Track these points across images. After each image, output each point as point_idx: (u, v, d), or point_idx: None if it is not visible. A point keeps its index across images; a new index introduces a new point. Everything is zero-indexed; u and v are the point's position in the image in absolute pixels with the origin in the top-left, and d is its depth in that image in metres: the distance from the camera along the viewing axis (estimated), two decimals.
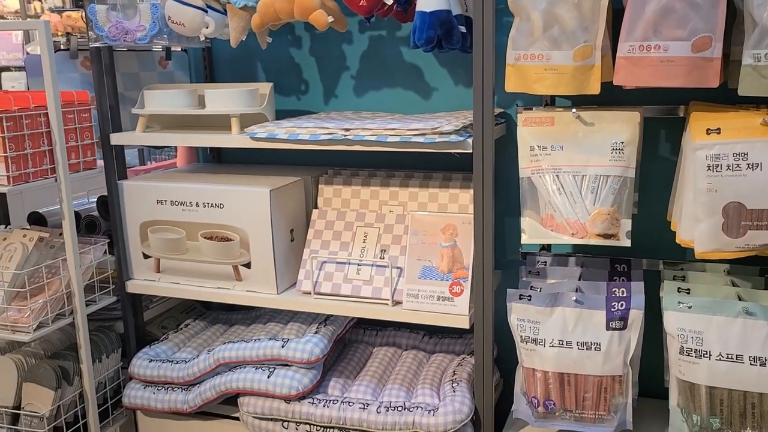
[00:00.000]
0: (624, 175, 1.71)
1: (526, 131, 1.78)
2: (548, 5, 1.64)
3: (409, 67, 2.30)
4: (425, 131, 1.79)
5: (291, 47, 2.42)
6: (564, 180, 1.73)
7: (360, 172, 2.28)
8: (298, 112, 2.44)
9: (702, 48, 1.56)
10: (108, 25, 2.03)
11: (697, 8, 1.54)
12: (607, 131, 1.72)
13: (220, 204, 2.07)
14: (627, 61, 1.63)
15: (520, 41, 1.71)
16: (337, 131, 1.89)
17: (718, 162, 1.59)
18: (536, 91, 1.70)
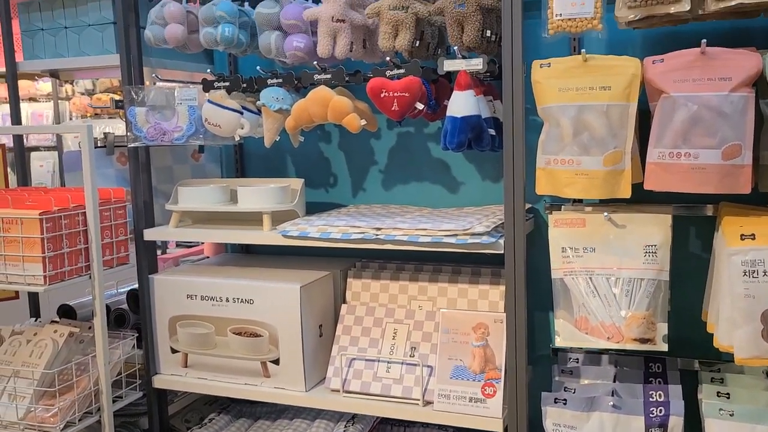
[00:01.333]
0: (658, 278, 1.71)
1: (557, 232, 1.79)
2: (577, 112, 1.69)
3: (437, 162, 2.34)
4: (457, 232, 1.81)
5: (321, 142, 2.49)
6: (597, 282, 1.73)
7: (388, 264, 2.29)
8: (327, 205, 2.48)
9: (732, 156, 1.58)
10: (147, 126, 2.10)
11: (726, 117, 1.57)
12: (638, 234, 1.73)
13: (250, 300, 2.08)
14: (657, 167, 1.65)
15: (550, 146, 1.74)
16: (369, 230, 1.91)
17: (754, 268, 1.58)
18: (568, 194, 1.72)
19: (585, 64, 1.70)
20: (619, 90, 1.66)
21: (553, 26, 1.74)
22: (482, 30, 1.80)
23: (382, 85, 1.88)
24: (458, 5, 1.77)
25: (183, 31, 2.07)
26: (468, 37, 1.79)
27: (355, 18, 1.93)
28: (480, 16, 1.78)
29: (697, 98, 1.59)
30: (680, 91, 1.61)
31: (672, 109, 1.62)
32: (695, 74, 1.60)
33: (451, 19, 1.80)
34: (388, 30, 1.86)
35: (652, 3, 1.62)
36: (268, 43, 2.02)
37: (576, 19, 1.71)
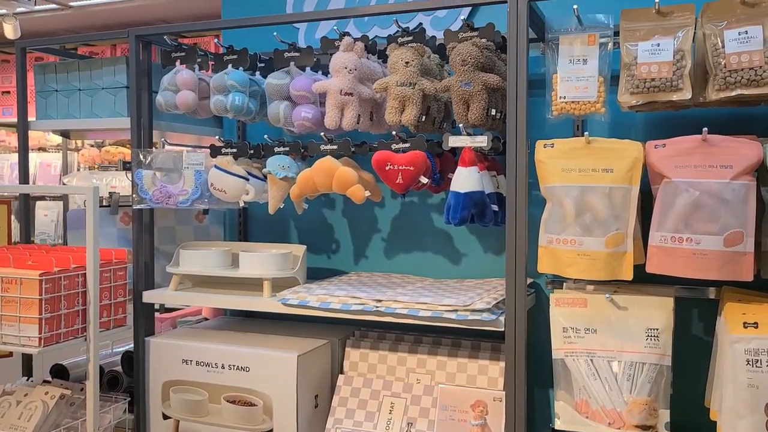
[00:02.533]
0: (660, 363, 1.68)
1: (559, 312, 1.78)
2: (580, 193, 1.70)
3: (440, 232, 2.35)
4: (457, 307, 1.80)
5: (324, 208, 2.50)
6: (599, 365, 1.70)
7: (387, 334, 2.27)
8: (328, 272, 2.47)
9: (734, 243, 1.59)
10: (153, 189, 2.12)
11: (727, 204, 1.58)
12: (640, 316, 1.72)
13: (246, 367, 2.05)
14: (659, 251, 1.65)
15: (552, 225, 1.75)
16: (369, 302, 1.90)
17: (757, 357, 1.56)
18: (569, 275, 1.72)
19: (588, 146, 1.73)
20: (621, 173, 1.68)
21: (557, 108, 1.77)
22: (487, 108, 1.84)
23: (388, 158, 1.91)
24: (464, 84, 1.81)
25: (194, 97, 2.11)
26: (473, 115, 1.83)
27: (363, 91, 1.97)
28: (485, 95, 1.82)
29: (698, 184, 1.60)
30: (682, 177, 1.62)
31: (674, 193, 1.63)
32: (696, 160, 1.62)
33: (457, 97, 1.83)
34: (395, 105, 1.90)
35: (654, 90, 1.66)
36: (277, 112, 2.06)
37: (579, 102, 1.74)
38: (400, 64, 1.89)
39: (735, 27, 1.59)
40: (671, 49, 1.63)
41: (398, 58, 1.89)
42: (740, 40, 1.58)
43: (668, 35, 1.65)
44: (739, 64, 1.58)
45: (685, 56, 1.64)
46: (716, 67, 1.62)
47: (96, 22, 6.36)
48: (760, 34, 1.57)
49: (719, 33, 1.61)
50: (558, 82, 1.76)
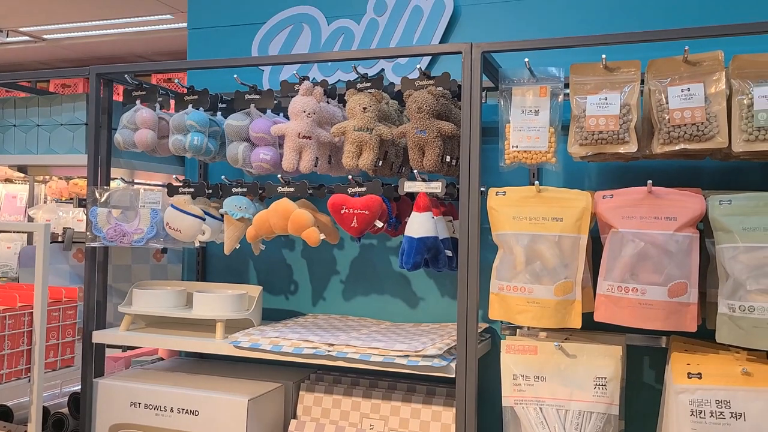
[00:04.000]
0: (608, 412, 1.69)
1: (509, 359, 1.78)
2: (530, 241, 1.72)
3: (398, 276, 2.35)
4: (409, 353, 1.79)
5: (283, 248, 2.49)
6: (548, 413, 1.70)
7: (343, 378, 2.24)
8: (286, 313, 2.45)
9: (678, 293, 1.61)
10: (107, 227, 2.09)
11: (672, 255, 1.61)
12: (589, 365, 1.72)
13: (195, 411, 2.01)
14: (607, 300, 1.67)
15: (503, 272, 1.77)
16: (321, 346, 1.88)
17: (701, 408, 1.58)
18: (519, 322, 1.73)
19: (539, 194, 1.76)
20: (570, 222, 1.71)
21: (509, 157, 1.80)
22: (442, 155, 1.86)
23: (343, 201, 1.92)
24: (420, 131, 1.84)
25: (153, 136, 2.11)
26: (428, 162, 1.85)
27: (321, 135, 1.99)
28: (440, 142, 1.85)
29: (643, 235, 1.63)
30: (628, 228, 1.66)
31: (620, 243, 1.66)
32: (642, 212, 1.66)
33: (412, 143, 1.86)
34: (352, 149, 1.92)
35: (602, 142, 1.70)
36: (236, 153, 2.06)
37: (531, 151, 1.78)
38: (357, 110, 1.91)
39: (678, 84, 1.65)
40: (618, 103, 1.68)
41: (356, 103, 1.92)
42: (683, 97, 1.63)
43: (615, 90, 1.71)
44: (682, 119, 1.63)
45: (632, 110, 1.68)
46: (661, 121, 1.67)
47: (69, 55, 6.37)
48: (702, 91, 1.62)
49: (663, 89, 1.66)
50: (510, 131, 1.80)
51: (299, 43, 2.46)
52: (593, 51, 1.85)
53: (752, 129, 1.58)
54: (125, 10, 5.10)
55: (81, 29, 5.58)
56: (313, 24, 2.44)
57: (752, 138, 1.58)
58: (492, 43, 1.77)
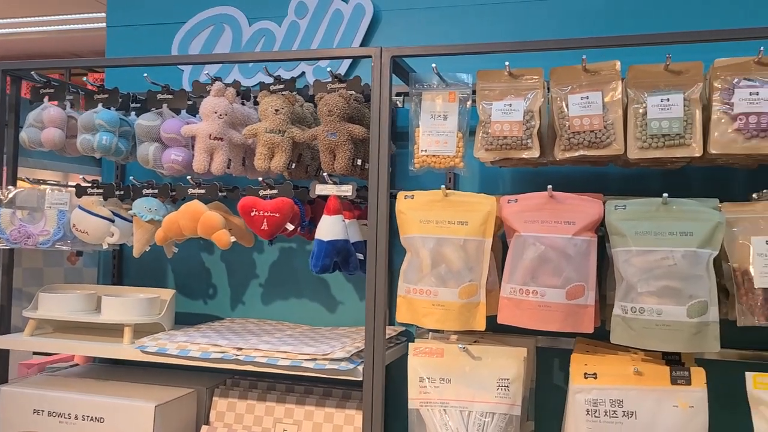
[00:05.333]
0: (510, 413, 1.71)
1: (416, 361, 1.79)
2: (436, 245, 1.74)
3: (317, 280, 2.34)
4: (316, 356, 1.78)
5: (202, 251, 2.45)
6: (451, 415, 1.72)
7: (260, 383, 2.22)
8: (204, 317, 2.41)
9: (575, 296, 1.65)
10: (11, 228, 2.02)
11: (570, 259, 1.65)
12: (493, 366, 1.75)
13: (100, 418, 1.95)
14: (509, 302, 1.70)
15: (410, 275, 1.78)
16: (229, 350, 1.86)
17: (596, 407, 1.62)
18: (425, 324, 1.74)
19: (446, 198, 1.78)
20: (475, 225, 1.73)
21: (418, 161, 1.82)
22: (353, 158, 1.87)
23: (253, 204, 1.90)
24: (330, 134, 1.84)
25: (61, 135, 2.05)
26: (339, 165, 1.85)
27: (233, 136, 1.97)
28: (351, 145, 1.85)
29: (544, 239, 1.67)
30: (529, 231, 1.69)
31: (522, 247, 1.69)
32: (544, 216, 1.70)
33: (323, 146, 1.86)
34: (263, 151, 1.90)
35: (506, 147, 1.73)
36: (146, 154, 2.02)
37: (439, 155, 1.80)
38: (269, 111, 1.90)
39: (578, 92, 1.69)
40: (521, 109, 1.72)
41: (268, 105, 1.90)
42: (582, 105, 1.68)
43: (519, 96, 1.74)
44: (581, 126, 1.67)
45: (534, 116, 1.72)
46: (562, 128, 1.71)
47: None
48: (600, 99, 1.67)
49: (564, 97, 1.70)
50: (420, 135, 1.82)
51: (220, 44, 2.44)
52: (513, 57, 1.88)
53: (646, 137, 1.64)
54: (58, 6, 4.96)
55: (9, 26, 5.39)
56: (234, 25, 2.42)
57: (646, 146, 1.64)
58: (401, 48, 1.79)
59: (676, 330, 1.53)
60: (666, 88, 1.65)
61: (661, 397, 1.59)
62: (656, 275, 1.56)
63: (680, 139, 1.61)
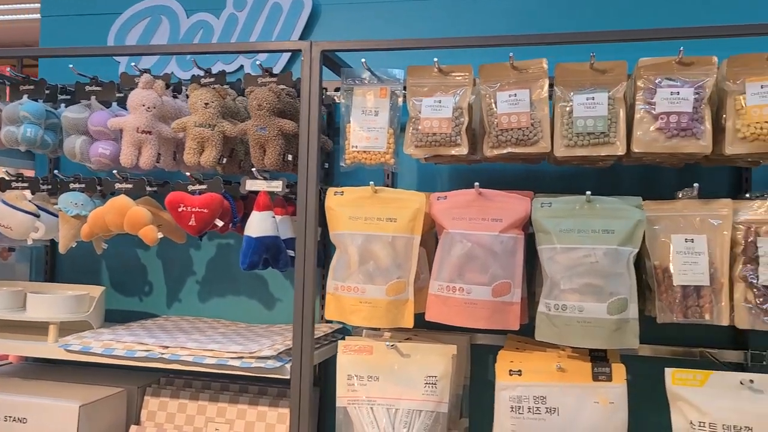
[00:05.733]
0: (437, 410, 1.71)
1: (345, 359, 1.77)
2: (365, 241, 1.73)
3: (255, 276, 2.31)
4: (243, 354, 1.75)
5: (137, 248, 2.40)
6: (378, 413, 1.71)
7: (194, 382, 2.18)
8: (139, 314, 2.36)
9: (501, 293, 1.65)
10: None
11: (496, 256, 1.65)
12: (421, 364, 1.74)
13: (23, 418, 1.90)
14: (437, 299, 1.70)
15: (339, 272, 1.76)
16: (155, 348, 1.82)
17: (520, 404, 1.62)
18: (352, 322, 1.72)
19: (375, 195, 1.76)
20: (404, 222, 1.72)
21: (349, 157, 1.80)
22: (284, 153, 1.84)
23: (181, 199, 1.86)
24: (260, 129, 1.81)
25: None
26: (269, 160, 1.83)
27: (163, 130, 1.92)
28: (281, 140, 1.83)
29: (471, 236, 1.67)
30: (457, 228, 1.69)
31: (450, 244, 1.69)
32: (472, 213, 1.69)
33: (253, 141, 1.83)
34: (193, 146, 1.87)
35: (435, 144, 1.73)
36: (73, 147, 1.97)
37: (370, 152, 1.78)
38: (199, 105, 1.86)
39: (506, 89, 1.69)
40: (451, 106, 1.71)
41: (198, 98, 1.87)
42: (510, 102, 1.68)
43: (449, 93, 1.73)
44: (509, 124, 1.67)
45: (463, 113, 1.72)
46: (490, 125, 1.71)
47: None
48: (527, 97, 1.67)
49: (493, 94, 1.70)
50: (351, 131, 1.80)
51: (157, 36, 2.38)
52: (446, 54, 1.87)
53: (572, 135, 1.64)
54: None
55: None
56: (172, 17, 2.37)
57: (572, 144, 1.65)
58: (332, 42, 1.76)
59: (597, 327, 1.55)
60: (591, 87, 1.66)
61: (583, 394, 1.60)
62: (579, 272, 1.57)
63: (605, 137, 1.62)
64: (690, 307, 1.57)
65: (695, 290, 1.58)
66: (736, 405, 1.53)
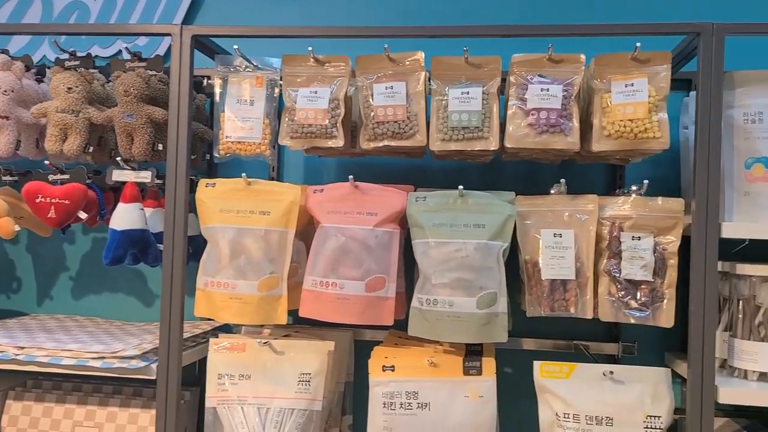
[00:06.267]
0: (310, 409, 1.66)
1: (216, 358, 1.71)
2: (236, 235, 1.66)
3: (133, 272, 2.20)
4: (104, 354, 1.66)
5: (5, 242, 2.24)
6: (248, 413, 1.65)
7: (64, 384, 2.05)
8: (5, 313, 2.20)
9: (375, 288, 1.63)
10: None
11: (370, 251, 1.63)
12: (295, 361, 1.69)
13: None
14: (310, 295, 1.65)
15: (209, 267, 1.69)
16: (9, 349, 1.69)
17: (392, 400, 1.61)
18: (222, 319, 1.66)
19: (248, 187, 1.70)
20: (277, 216, 1.67)
21: (223, 147, 1.73)
22: (154, 143, 1.75)
23: (39, 189, 1.74)
24: (127, 116, 1.71)
25: None
26: (137, 149, 1.73)
27: (23, 115, 1.79)
28: (151, 128, 1.74)
29: (345, 230, 1.63)
30: (331, 222, 1.65)
31: (324, 238, 1.65)
32: (347, 207, 1.66)
33: (120, 129, 1.73)
34: (55, 132, 1.75)
35: (311, 136, 1.68)
36: None
37: (245, 142, 1.72)
38: (62, 89, 1.74)
39: (383, 81, 1.67)
40: (327, 97, 1.67)
41: (60, 82, 1.75)
42: (387, 94, 1.65)
43: (325, 84, 1.69)
44: (385, 116, 1.65)
45: (340, 105, 1.68)
46: (367, 118, 1.68)
47: None
48: (404, 90, 1.65)
49: (370, 86, 1.67)
50: (225, 121, 1.73)
51: (28, 16, 2.22)
52: (326, 43, 1.83)
53: (447, 129, 1.63)
54: None
55: None
56: None
57: (447, 138, 1.64)
58: (203, 27, 1.69)
59: (466, 321, 1.54)
60: (467, 81, 1.66)
61: (454, 388, 1.60)
62: (450, 267, 1.57)
63: (479, 132, 1.62)
64: (557, 301, 1.60)
65: (562, 284, 1.60)
66: (599, 396, 1.57)
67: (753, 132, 1.57)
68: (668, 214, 1.58)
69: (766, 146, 1.57)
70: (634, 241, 1.58)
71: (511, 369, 2.02)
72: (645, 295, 1.57)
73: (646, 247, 1.56)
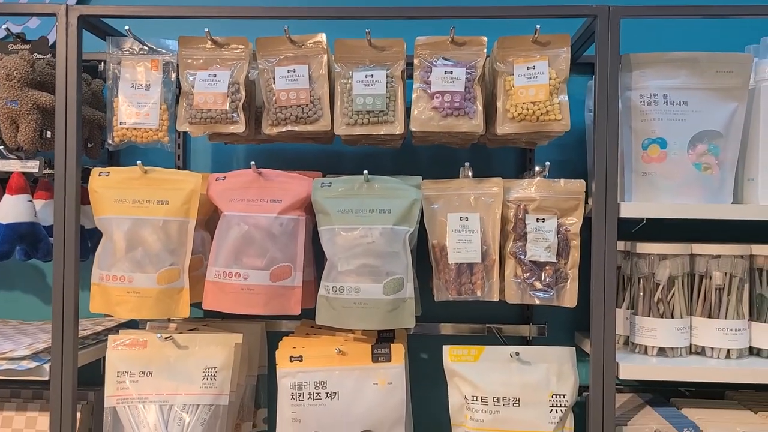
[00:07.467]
0: (215, 403, 1.61)
1: (115, 355, 1.63)
2: (132, 226, 1.58)
3: (30, 268, 2.07)
4: None
5: None
6: (150, 411, 1.58)
7: None
8: None
9: (281, 277, 1.59)
10: None
11: (275, 239, 1.58)
12: (201, 355, 1.63)
13: None
14: (214, 286, 1.60)
15: (104, 260, 1.61)
16: None
17: (300, 391, 1.57)
18: (119, 314, 1.58)
19: (145, 176, 1.62)
20: (177, 205, 1.60)
21: (117, 134, 1.64)
22: (41, 130, 1.64)
23: None
24: (10, 102, 1.60)
25: None
26: (23, 137, 1.62)
27: None
28: (37, 115, 1.63)
29: (248, 218, 1.58)
30: (234, 211, 1.59)
31: (227, 228, 1.59)
32: (251, 194, 1.61)
33: (2, 116, 1.61)
34: None
35: (210, 121, 1.61)
36: None
37: (140, 129, 1.64)
38: None
39: (285, 65, 1.61)
40: (226, 80, 1.61)
41: None
42: (289, 78, 1.60)
43: (224, 67, 1.63)
44: (288, 101, 1.60)
45: (240, 89, 1.62)
46: (269, 102, 1.62)
47: None
48: (306, 73, 1.61)
49: (271, 69, 1.62)
50: (119, 106, 1.64)
51: None
52: (225, 24, 1.75)
53: (351, 113, 1.60)
54: None
55: None
56: None
57: (352, 122, 1.60)
58: (90, 7, 1.60)
59: (373, 308, 1.52)
60: (371, 64, 1.63)
61: (363, 376, 1.58)
62: (356, 253, 1.54)
63: (384, 115, 1.59)
64: (464, 285, 1.60)
65: (469, 267, 1.60)
66: (506, 378, 1.58)
67: (649, 113, 1.61)
68: (570, 196, 1.60)
69: (662, 127, 1.61)
70: (538, 223, 1.59)
71: (427, 355, 2.02)
72: (549, 276, 1.58)
73: (550, 229, 1.58)
